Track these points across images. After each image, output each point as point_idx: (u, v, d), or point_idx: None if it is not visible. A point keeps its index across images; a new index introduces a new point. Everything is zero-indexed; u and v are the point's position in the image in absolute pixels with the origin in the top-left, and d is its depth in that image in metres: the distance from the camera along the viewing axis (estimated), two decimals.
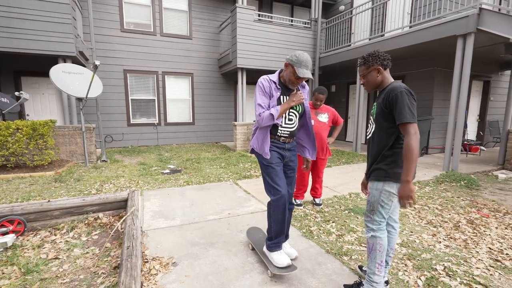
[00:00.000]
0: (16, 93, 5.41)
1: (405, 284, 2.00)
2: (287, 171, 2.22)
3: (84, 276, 1.89)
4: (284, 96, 2.10)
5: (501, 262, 2.30)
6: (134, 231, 2.03)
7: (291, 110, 2.12)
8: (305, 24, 8.86)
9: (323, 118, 3.35)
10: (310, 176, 3.66)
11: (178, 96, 8.94)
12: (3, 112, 5.48)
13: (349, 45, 8.18)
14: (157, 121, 8.71)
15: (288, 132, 2.13)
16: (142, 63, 8.28)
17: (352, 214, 3.33)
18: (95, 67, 5.19)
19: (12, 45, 5.50)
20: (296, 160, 2.26)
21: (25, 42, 5.58)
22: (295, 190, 3.49)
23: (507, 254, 2.45)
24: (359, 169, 5.68)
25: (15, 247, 2.23)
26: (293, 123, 2.14)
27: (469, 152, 7.39)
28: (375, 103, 1.86)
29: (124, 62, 8.07)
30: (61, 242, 2.33)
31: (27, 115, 7.38)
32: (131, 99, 8.32)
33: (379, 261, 1.77)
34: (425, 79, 7.19)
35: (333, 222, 3.08)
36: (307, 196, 3.83)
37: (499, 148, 6.19)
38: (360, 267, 2.13)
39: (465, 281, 2.03)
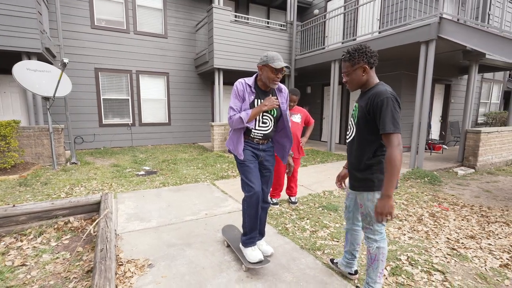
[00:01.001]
0: None
1: None
2: (262, 170, 2.27)
3: (55, 281, 1.83)
4: (259, 100, 2.15)
5: (457, 250, 2.53)
6: (108, 233, 2.00)
7: (265, 113, 2.16)
8: (281, 26, 9.02)
9: (297, 118, 3.46)
10: (286, 175, 3.77)
11: (153, 96, 8.74)
12: None
13: (323, 48, 8.45)
14: (131, 122, 8.46)
15: (262, 135, 2.18)
16: (114, 61, 8.00)
17: (326, 211, 3.47)
18: (64, 65, 4.96)
19: None
20: (272, 161, 2.31)
21: None
22: (271, 189, 3.60)
23: (462, 243, 2.69)
24: (333, 167, 5.91)
25: None
26: (267, 126, 2.19)
27: (433, 151, 7.92)
28: (356, 104, 1.75)
29: (95, 60, 7.75)
30: (28, 248, 2.22)
31: None
32: (103, 98, 8.01)
33: (381, 269, 1.74)
34: (393, 82, 7.60)
35: (307, 219, 3.20)
36: (283, 195, 3.93)
37: (459, 147, 6.70)
38: (332, 260, 2.25)
39: (425, 269, 2.21)
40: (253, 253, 2.15)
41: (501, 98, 11.09)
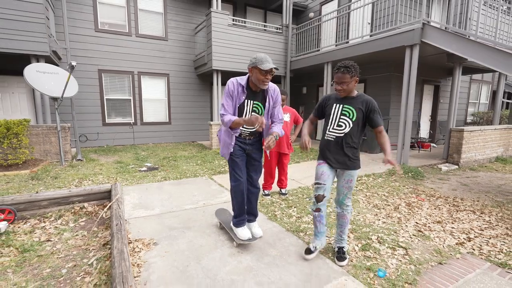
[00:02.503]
0: None
1: (346, 250, 2.50)
2: (251, 160, 2.60)
3: (77, 252, 2.19)
4: (249, 100, 2.39)
5: (422, 232, 2.90)
6: (121, 213, 2.36)
7: (253, 114, 2.39)
8: (277, 29, 9.39)
9: (286, 117, 3.83)
10: (277, 169, 4.13)
11: (154, 96, 9.10)
12: None
13: (318, 50, 8.80)
14: (133, 121, 8.81)
15: (249, 132, 2.48)
16: (117, 63, 8.35)
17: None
18: (72, 67, 5.31)
19: None
20: (259, 152, 2.63)
21: (2, 42, 5.59)
22: (263, 182, 3.97)
23: (428, 226, 3.06)
24: None
25: (7, 233, 2.45)
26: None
27: (422, 149, 8.28)
28: (350, 107, 2.19)
29: (98, 62, 8.10)
30: (50, 228, 2.58)
31: None
32: (106, 98, 8.36)
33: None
34: (384, 83, 7.97)
35: (294, 207, 3.57)
36: (275, 187, 4.29)
37: (444, 144, 7.07)
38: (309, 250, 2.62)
39: (391, 246, 2.58)
40: (243, 232, 2.53)
41: (490, 98, 11.46)
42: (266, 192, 4.02)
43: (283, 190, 4.09)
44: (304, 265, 2.28)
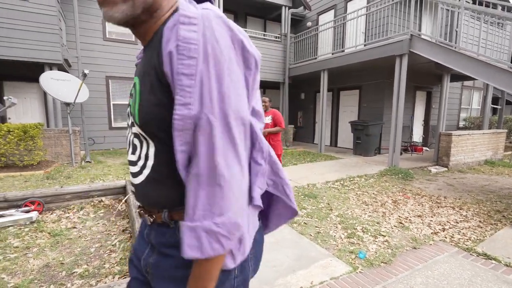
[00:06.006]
0: (5, 98, 5.76)
1: (333, 237, 2.86)
2: None
3: (101, 236, 2.54)
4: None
5: (403, 224, 3.25)
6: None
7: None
8: (276, 38, 9.83)
9: (267, 119, 4.16)
10: None
11: None
12: None
13: (315, 58, 9.23)
14: None
15: (135, 187, 0.75)
16: (124, 70, 8.77)
17: (307, 198, 4.19)
18: (84, 75, 5.71)
19: (9, 54, 5.96)
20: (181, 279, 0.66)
21: (21, 51, 6.04)
22: None
23: (410, 220, 3.41)
24: (320, 166, 6.63)
25: (38, 221, 2.80)
26: (135, 162, 0.74)
27: (414, 152, 8.65)
28: None
29: (106, 69, 8.52)
30: (74, 218, 2.94)
31: (9, 118, 7.61)
32: (112, 104, 8.76)
33: None
34: (378, 89, 8.37)
35: None
36: None
37: (434, 148, 7.44)
38: None
39: (373, 234, 2.93)
40: None
41: (482, 104, 11.85)
42: None
43: None
44: (297, 249, 2.63)
